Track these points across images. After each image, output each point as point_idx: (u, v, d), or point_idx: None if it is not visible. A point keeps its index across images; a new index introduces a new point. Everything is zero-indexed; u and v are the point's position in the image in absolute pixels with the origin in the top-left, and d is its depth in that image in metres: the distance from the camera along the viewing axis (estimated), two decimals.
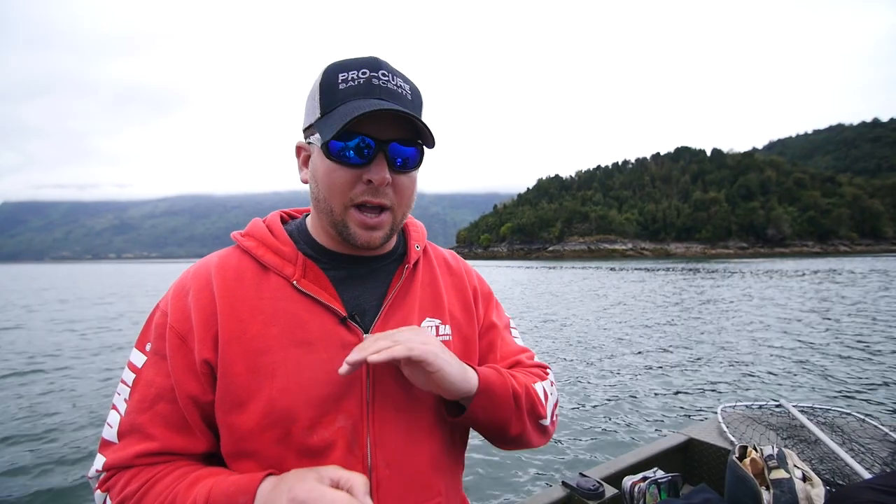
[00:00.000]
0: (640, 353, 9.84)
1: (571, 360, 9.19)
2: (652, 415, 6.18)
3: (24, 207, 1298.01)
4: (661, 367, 8.56)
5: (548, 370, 1.06)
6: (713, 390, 7.17)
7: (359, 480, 0.65)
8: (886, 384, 7.28)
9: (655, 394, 7.02)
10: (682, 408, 6.41)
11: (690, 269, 49.69)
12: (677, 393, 7.06)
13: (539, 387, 0.98)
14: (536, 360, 1.07)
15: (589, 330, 12.78)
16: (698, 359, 9.18)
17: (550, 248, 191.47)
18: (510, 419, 0.89)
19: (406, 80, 0.84)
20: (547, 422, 0.97)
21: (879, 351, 9.56)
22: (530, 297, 22.86)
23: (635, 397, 6.86)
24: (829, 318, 13.82)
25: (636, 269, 56.59)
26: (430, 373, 0.78)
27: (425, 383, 0.81)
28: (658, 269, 51.88)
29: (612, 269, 58.04)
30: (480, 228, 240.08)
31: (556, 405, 1.02)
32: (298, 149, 0.90)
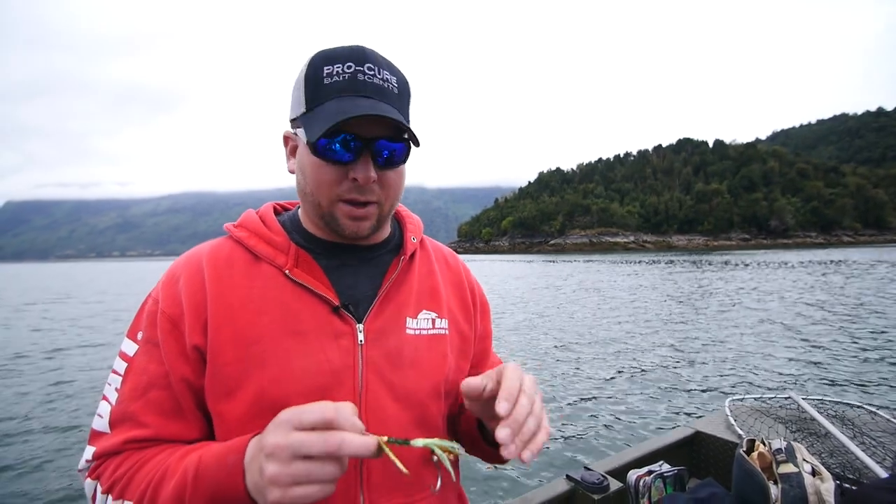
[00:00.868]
0: (645, 345, 9.78)
1: (577, 353, 9.14)
2: (658, 407, 6.10)
3: (28, 207, 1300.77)
4: (667, 360, 8.49)
5: None
6: (720, 383, 7.09)
7: (346, 404, 0.63)
8: None
9: (662, 386, 6.97)
10: (688, 400, 6.35)
11: (693, 262, 49.64)
12: (684, 385, 7.00)
13: None
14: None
15: (594, 323, 12.72)
16: (705, 351, 9.10)
17: (552, 242, 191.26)
18: None
19: (393, 72, 0.83)
20: None
21: (890, 342, 9.44)
22: (533, 292, 22.76)
23: (641, 390, 6.81)
24: (836, 310, 13.72)
25: (638, 262, 56.56)
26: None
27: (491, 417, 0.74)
28: (660, 262, 51.85)
29: (614, 262, 58.09)
30: (482, 222, 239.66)
31: None
32: (286, 138, 0.89)
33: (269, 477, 0.59)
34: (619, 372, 7.77)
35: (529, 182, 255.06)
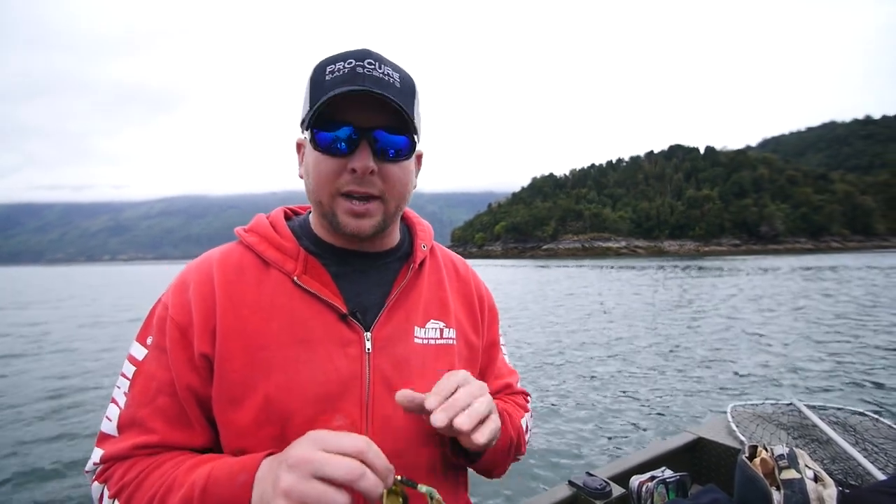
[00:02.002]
0: (646, 351, 9.88)
1: (577, 359, 9.25)
2: (660, 413, 6.15)
3: (18, 209, 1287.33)
4: (667, 366, 8.58)
5: (528, 398, 1.10)
6: (722, 389, 7.16)
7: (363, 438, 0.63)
8: None
9: (663, 392, 7.03)
10: (690, 406, 6.41)
11: (686, 267, 49.54)
12: (686, 391, 7.06)
13: (524, 422, 1.00)
14: (520, 383, 1.11)
15: (594, 329, 12.85)
16: (706, 357, 9.18)
17: (545, 247, 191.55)
18: (501, 464, 0.93)
19: (397, 69, 0.82)
20: (522, 456, 0.98)
21: (891, 348, 9.53)
22: (527, 297, 22.77)
23: (643, 396, 6.88)
24: (836, 316, 13.86)
25: (631, 267, 56.50)
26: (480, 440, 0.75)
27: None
28: (654, 267, 51.84)
29: (607, 267, 57.93)
30: (475, 227, 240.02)
31: (529, 438, 1.03)
32: (298, 145, 0.90)
33: (283, 488, 0.58)
34: (621, 377, 7.87)
35: (522, 187, 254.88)
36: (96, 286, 46.19)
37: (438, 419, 0.69)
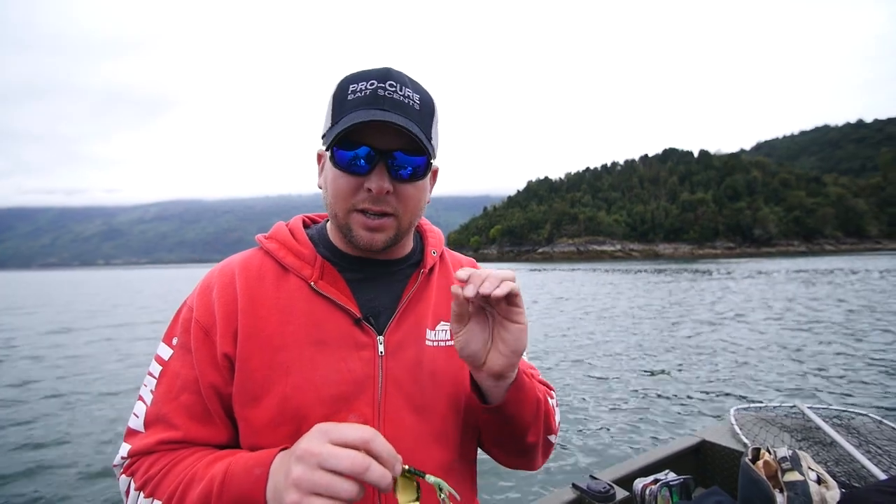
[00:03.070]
0: (649, 355, 9.90)
1: (581, 363, 9.32)
2: (663, 417, 6.17)
3: (11, 214, 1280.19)
4: (671, 369, 8.61)
5: (553, 391, 1.07)
6: (725, 392, 7.18)
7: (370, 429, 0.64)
8: None
9: (667, 396, 7.06)
10: (693, 409, 6.44)
11: (681, 270, 49.64)
12: (689, 395, 7.09)
13: (550, 401, 1.00)
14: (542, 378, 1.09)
15: (593, 332, 12.85)
16: (709, 360, 9.22)
17: (540, 250, 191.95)
18: (531, 423, 0.89)
19: (417, 90, 0.85)
20: (554, 438, 0.99)
21: (894, 350, 9.59)
22: (528, 298, 22.33)
23: (647, 399, 6.91)
24: (837, 318, 13.89)
25: (626, 270, 56.53)
26: (514, 324, 0.76)
27: (485, 342, 0.79)
28: (649, 271, 51.82)
29: (603, 270, 57.88)
30: (470, 231, 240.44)
31: (558, 425, 1.03)
32: (319, 156, 0.93)
33: (293, 479, 0.60)
34: (623, 381, 7.89)
35: (518, 191, 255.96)
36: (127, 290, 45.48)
37: (468, 290, 0.71)
